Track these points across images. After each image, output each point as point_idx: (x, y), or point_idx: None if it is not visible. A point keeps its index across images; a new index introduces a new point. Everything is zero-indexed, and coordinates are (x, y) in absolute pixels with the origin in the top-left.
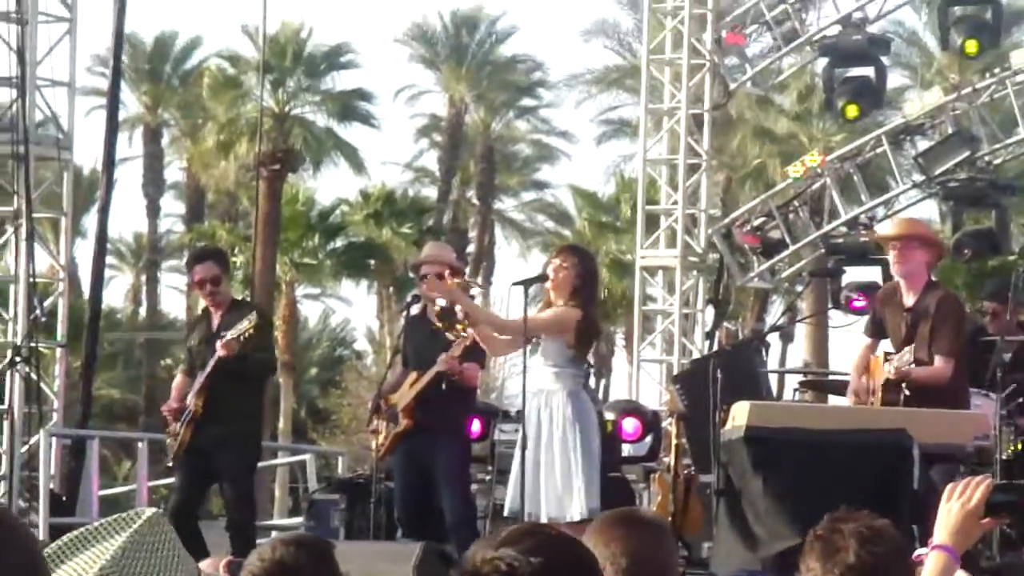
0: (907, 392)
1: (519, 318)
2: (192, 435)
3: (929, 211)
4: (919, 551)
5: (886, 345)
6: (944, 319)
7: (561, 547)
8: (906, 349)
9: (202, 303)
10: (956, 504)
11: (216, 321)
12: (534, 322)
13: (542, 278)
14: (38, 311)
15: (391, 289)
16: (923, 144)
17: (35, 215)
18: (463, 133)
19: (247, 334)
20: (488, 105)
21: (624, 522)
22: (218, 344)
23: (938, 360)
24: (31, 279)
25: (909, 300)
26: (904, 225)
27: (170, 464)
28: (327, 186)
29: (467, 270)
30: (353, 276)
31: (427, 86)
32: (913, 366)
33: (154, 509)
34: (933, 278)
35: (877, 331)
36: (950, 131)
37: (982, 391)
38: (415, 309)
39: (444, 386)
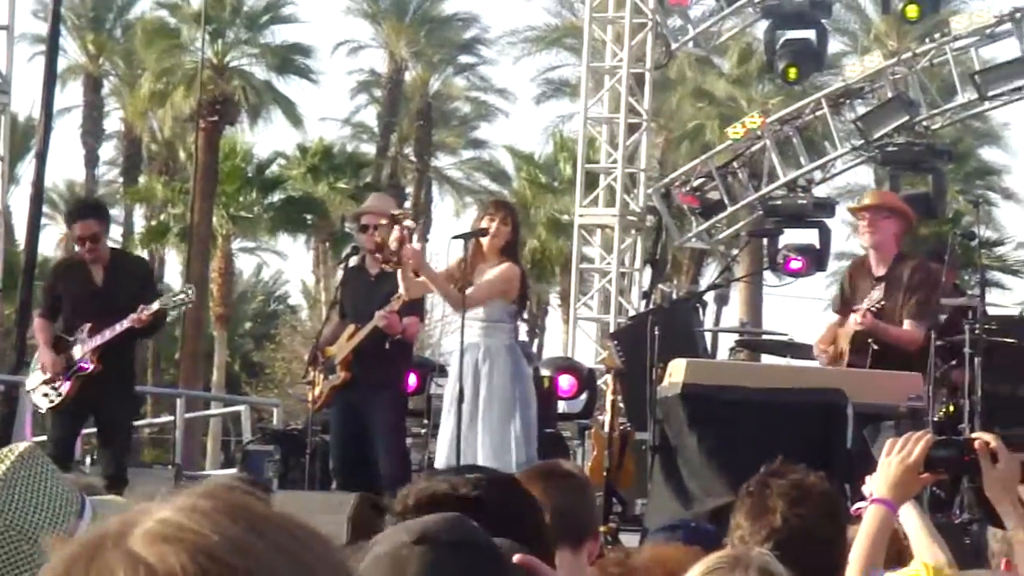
0: (875, 347)
1: (463, 292)
2: (79, 389)
3: (865, 176)
4: (857, 505)
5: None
6: (917, 287)
7: (497, 474)
8: (875, 290)
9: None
10: (896, 458)
11: (98, 275)
12: (479, 291)
13: (481, 232)
14: None
15: (327, 244)
16: (862, 108)
17: None
18: (402, 90)
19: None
20: (427, 62)
21: (544, 476)
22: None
23: (907, 324)
24: None
25: (880, 270)
26: (874, 196)
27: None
28: (264, 140)
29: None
30: (290, 231)
31: (366, 41)
32: (883, 305)
33: (29, 443)
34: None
35: (844, 306)
36: (889, 95)
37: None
38: (353, 261)
39: (388, 345)
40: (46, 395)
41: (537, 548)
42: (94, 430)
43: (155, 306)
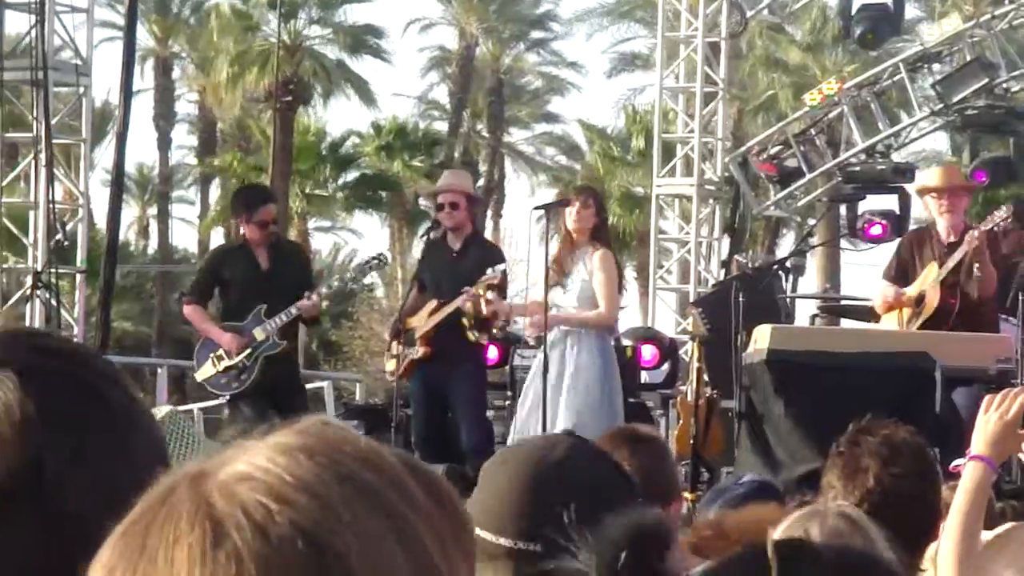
0: (958, 299)
1: (604, 314)
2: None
3: (943, 142)
4: (956, 462)
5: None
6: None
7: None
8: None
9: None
10: (994, 415)
11: (263, 259)
12: (608, 303)
13: (563, 203)
14: (59, 236)
15: (403, 222)
16: (940, 73)
17: (54, 142)
18: (473, 66)
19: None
20: (498, 38)
21: (628, 439)
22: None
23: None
24: (51, 206)
25: (951, 238)
26: (951, 176)
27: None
28: (337, 119)
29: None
30: (365, 208)
31: (436, 19)
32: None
33: (168, 407)
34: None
35: (900, 275)
36: (968, 59)
37: (1002, 315)
38: (434, 235)
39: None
40: (229, 382)
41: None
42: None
43: (324, 289)
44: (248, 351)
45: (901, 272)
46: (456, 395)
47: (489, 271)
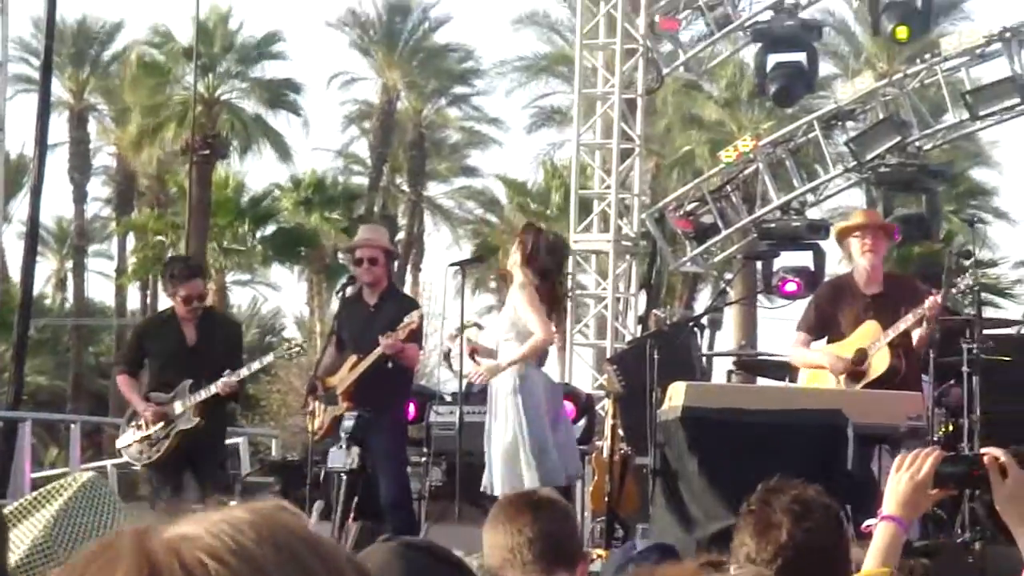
0: (902, 360)
1: (539, 337)
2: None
3: (858, 198)
4: (868, 522)
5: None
6: (916, 304)
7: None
8: (867, 309)
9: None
10: (905, 475)
11: (191, 333)
12: (537, 322)
13: (478, 259)
14: None
15: (321, 275)
16: (854, 130)
17: None
18: (394, 120)
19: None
20: (419, 92)
21: (527, 505)
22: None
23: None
24: None
25: (872, 288)
26: (869, 216)
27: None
28: (255, 173)
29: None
30: (283, 262)
31: (360, 73)
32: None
33: (90, 472)
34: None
35: (820, 327)
36: (881, 117)
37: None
38: (350, 291)
39: (390, 365)
40: (142, 452)
41: None
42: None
43: (244, 371)
44: (163, 423)
45: (821, 323)
46: (376, 449)
47: (406, 318)
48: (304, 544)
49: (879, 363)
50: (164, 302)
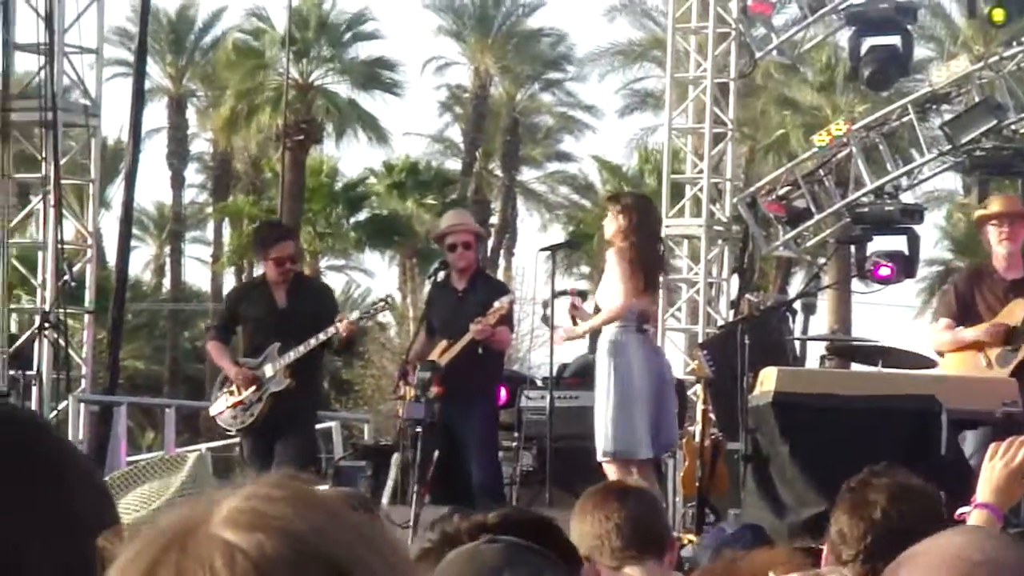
0: None
1: (616, 306)
2: (271, 408)
3: (953, 182)
4: (961, 510)
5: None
6: None
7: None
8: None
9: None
10: (999, 463)
11: (281, 297)
12: (620, 294)
13: (570, 244)
14: (67, 277)
15: (414, 260)
16: (949, 113)
17: (62, 182)
18: (488, 105)
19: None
20: (513, 77)
21: (614, 493)
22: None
23: None
24: (59, 246)
25: (1013, 274)
26: (1012, 203)
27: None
28: (349, 157)
29: (490, 240)
30: (376, 247)
31: (452, 57)
32: None
33: (198, 451)
34: None
35: (963, 314)
36: (976, 100)
37: None
38: (440, 277)
39: (480, 350)
40: (235, 417)
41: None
42: None
43: (355, 314)
44: (255, 387)
45: (963, 310)
46: (468, 434)
47: (496, 303)
48: (349, 516)
49: None
50: None
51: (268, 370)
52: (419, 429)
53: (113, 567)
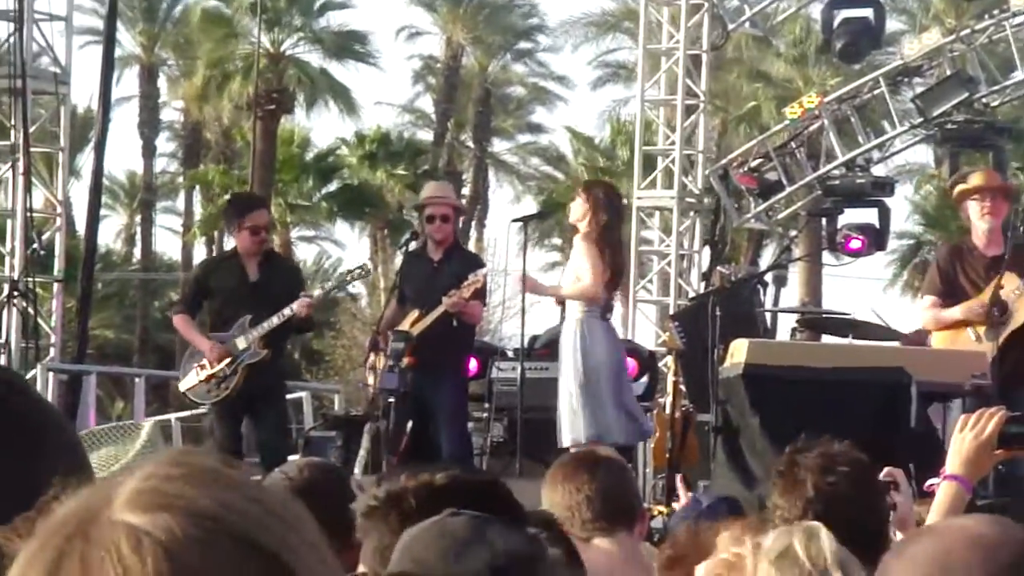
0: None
1: (587, 284)
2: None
3: (924, 155)
4: (931, 481)
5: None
6: None
7: (471, 469)
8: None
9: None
10: (969, 435)
11: (252, 270)
12: (589, 274)
13: (542, 215)
14: (36, 245)
15: (385, 231)
16: (921, 87)
17: (32, 150)
18: (460, 76)
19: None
20: (485, 48)
21: (584, 464)
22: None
23: None
24: (28, 214)
25: (992, 251)
26: (988, 177)
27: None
28: (320, 128)
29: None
30: (347, 218)
31: (424, 27)
32: None
33: (151, 420)
34: None
35: (948, 291)
36: (948, 73)
37: None
38: (413, 246)
39: (454, 323)
40: (209, 391)
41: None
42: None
43: (317, 292)
44: (228, 360)
45: (948, 286)
46: (438, 405)
47: (471, 276)
48: (253, 488)
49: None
50: None
51: (241, 342)
52: (392, 399)
53: (16, 563)
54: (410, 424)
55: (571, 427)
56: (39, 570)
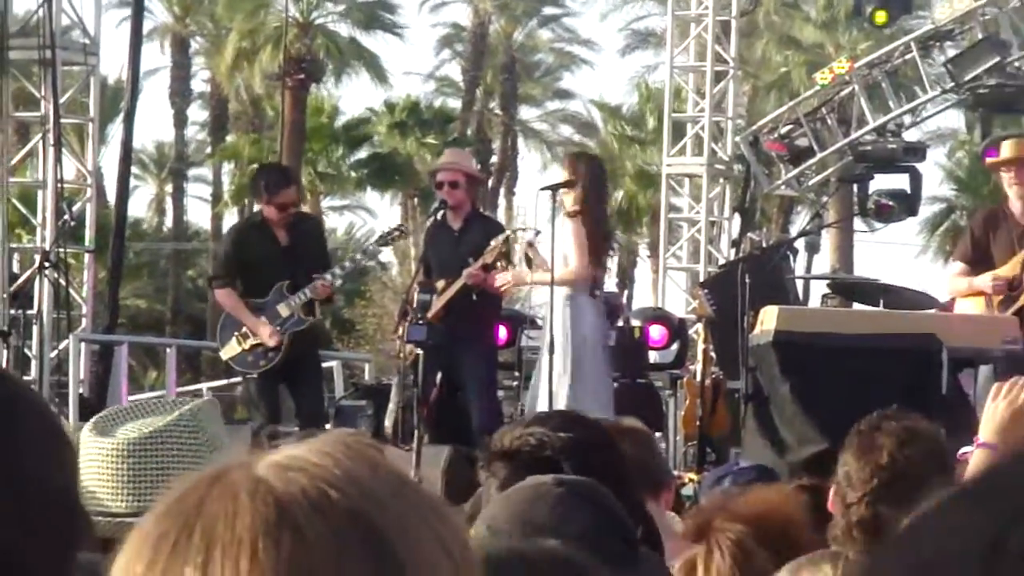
0: None
1: (573, 269)
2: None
3: (956, 119)
4: (964, 449)
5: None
6: None
7: (587, 426)
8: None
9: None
10: (1003, 403)
11: (282, 235)
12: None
13: (570, 183)
14: (67, 216)
15: (415, 200)
16: (953, 50)
17: (62, 121)
18: (486, 43)
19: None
20: (510, 15)
21: (611, 433)
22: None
23: None
24: (59, 185)
25: None
26: (1019, 147)
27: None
28: (349, 97)
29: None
30: (377, 187)
31: None
32: None
33: (210, 398)
34: None
35: (977, 257)
36: (979, 37)
37: None
38: (440, 216)
39: (475, 297)
40: (255, 360)
41: (623, 495)
42: None
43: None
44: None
45: (978, 253)
46: (467, 375)
47: (492, 242)
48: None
49: None
50: None
51: (283, 309)
52: (419, 352)
53: (160, 499)
54: (439, 376)
55: (548, 399)
56: (170, 496)
